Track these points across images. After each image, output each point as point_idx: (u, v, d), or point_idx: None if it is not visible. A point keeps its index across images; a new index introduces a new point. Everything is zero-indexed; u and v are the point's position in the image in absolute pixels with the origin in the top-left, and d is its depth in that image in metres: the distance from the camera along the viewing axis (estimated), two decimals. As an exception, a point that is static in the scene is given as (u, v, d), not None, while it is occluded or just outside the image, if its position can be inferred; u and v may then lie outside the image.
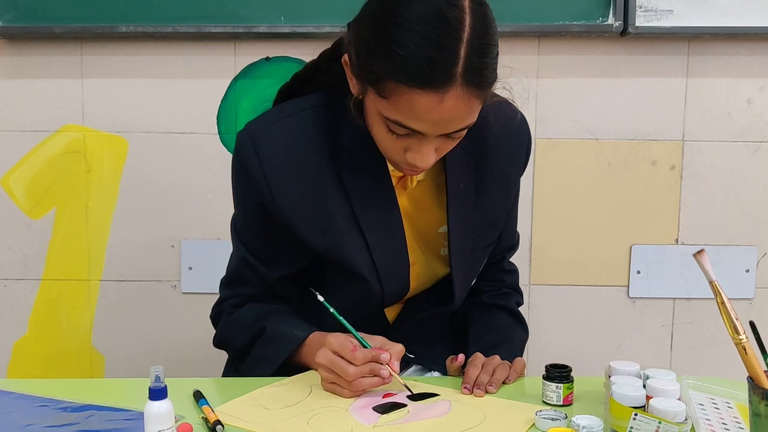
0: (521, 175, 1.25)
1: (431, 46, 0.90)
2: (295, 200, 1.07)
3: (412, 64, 0.90)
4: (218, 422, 0.90)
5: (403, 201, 1.13)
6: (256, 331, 1.13)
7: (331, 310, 1.04)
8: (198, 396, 0.99)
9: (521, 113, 1.19)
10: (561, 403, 0.99)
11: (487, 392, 1.03)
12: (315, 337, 1.09)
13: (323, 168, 1.07)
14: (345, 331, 1.04)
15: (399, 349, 1.02)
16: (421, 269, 1.17)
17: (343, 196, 1.08)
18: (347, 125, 1.06)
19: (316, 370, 1.04)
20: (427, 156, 0.98)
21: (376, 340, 1.02)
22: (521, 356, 1.22)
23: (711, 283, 0.82)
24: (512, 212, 1.27)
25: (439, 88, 0.90)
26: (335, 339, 1.00)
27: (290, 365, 1.11)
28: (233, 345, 1.18)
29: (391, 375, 0.98)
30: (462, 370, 1.10)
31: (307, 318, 1.16)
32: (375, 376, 0.98)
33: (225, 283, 1.22)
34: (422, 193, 1.14)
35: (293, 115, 1.10)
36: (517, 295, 1.32)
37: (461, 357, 1.10)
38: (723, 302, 0.82)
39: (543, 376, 1.01)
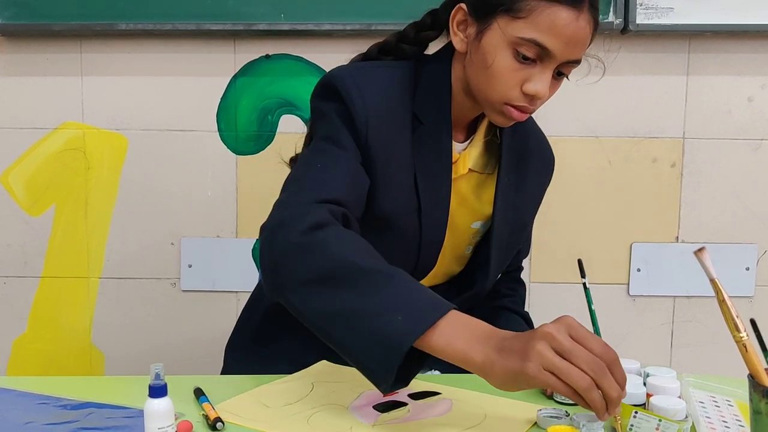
0: (545, 191, 1.28)
1: None
2: (382, 142, 1.06)
3: None
4: (218, 419, 0.90)
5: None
6: (388, 269, 0.86)
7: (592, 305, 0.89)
8: (198, 393, 0.99)
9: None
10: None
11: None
12: (458, 315, 0.83)
13: (404, 122, 1.08)
14: None
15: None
16: (444, 258, 1.18)
17: (410, 155, 1.08)
18: (423, 94, 1.09)
19: (482, 364, 0.80)
20: (546, 85, 1.01)
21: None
22: None
23: (711, 280, 0.82)
24: (531, 225, 1.31)
25: (577, 5, 0.98)
26: (574, 321, 0.78)
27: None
28: (345, 256, 0.86)
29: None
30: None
31: None
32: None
33: (310, 184, 0.99)
34: (465, 185, 1.15)
35: (384, 67, 1.11)
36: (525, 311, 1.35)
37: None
38: (723, 300, 0.81)
39: None
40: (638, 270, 1.85)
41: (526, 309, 1.35)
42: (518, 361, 0.76)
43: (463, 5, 1.05)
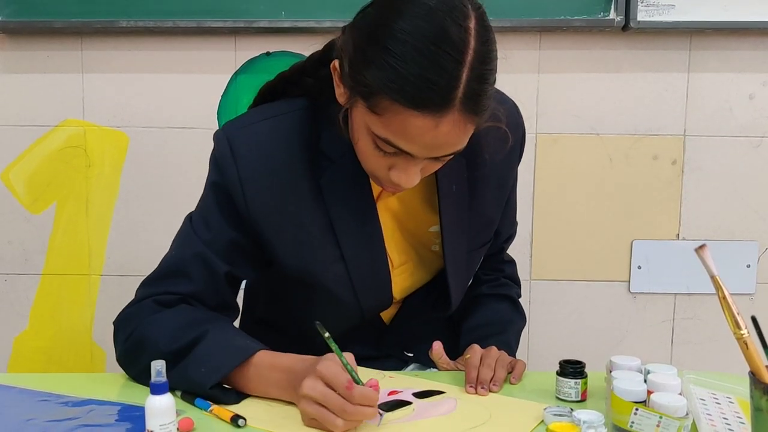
0: (517, 166, 1.21)
1: (433, 66, 0.84)
2: (268, 208, 1.02)
3: (410, 83, 0.84)
4: (238, 416, 0.90)
5: (391, 201, 1.10)
6: (198, 332, 0.99)
7: (326, 334, 0.89)
8: (188, 396, 0.98)
9: (512, 101, 1.16)
10: (579, 399, 0.99)
11: (490, 391, 1.02)
12: (265, 356, 0.98)
13: (300, 175, 1.02)
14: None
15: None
16: (412, 268, 1.15)
17: (321, 205, 1.03)
18: (329, 132, 1.02)
19: (286, 399, 0.95)
20: (413, 176, 0.94)
21: (347, 358, 0.91)
22: (516, 345, 1.22)
23: (712, 278, 0.82)
24: (510, 202, 1.23)
25: (436, 111, 0.86)
26: (327, 369, 0.88)
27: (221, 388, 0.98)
28: (157, 347, 0.99)
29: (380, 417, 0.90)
30: (453, 361, 1.11)
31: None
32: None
33: (151, 280, 1.10)
34: (411, 195, 1.10)
35: (273, 117, 1.05)
36: (516, 287, 1.31)
37: (436, 346, 1.09)
38: (724, 297, 0.81)
39: (557, 372, 1.01)
40: (639, 267, 1.85)
41: (526, 305, 1.34)
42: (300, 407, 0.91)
43: (336, 64, 0.96)
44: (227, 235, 1.05)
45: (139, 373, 1.04)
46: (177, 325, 1.00)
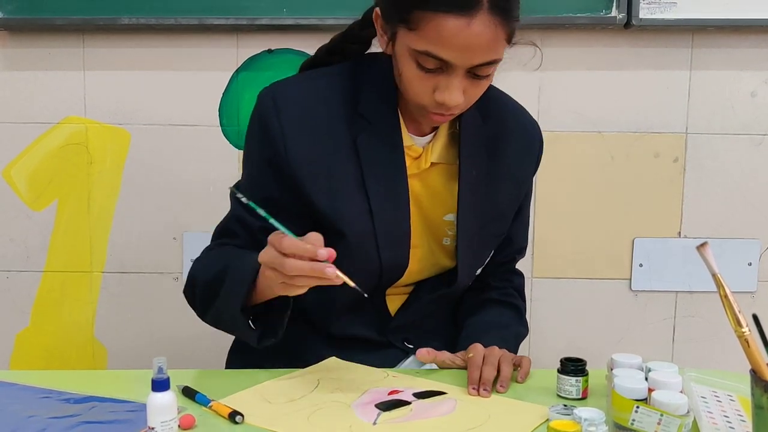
0: (533, 175, 1.26)
1: None
2: (306, 155, 1.08)
3: None
4: (236, 412, 0.91)
5: (413, 184, 1.13)
6: (221, 266, 1.08)
7: (271, 219, 0.95)
8: (189, 392, 0.98)
9: (535, 120, 1.25)
10: (580, 396, 0.99)
11: (497, 392, 1.02)
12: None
13: (339, 130, 1.09)
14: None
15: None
16: (423, 254, 1.17)
17: (355, 159, 1.09)
18: (368, 93, 1.09)
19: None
20: (456, 92, 0.98)
21: (311, 238, 0.94)
22: (516, 350, 1.22)
23: (714, 275, 0.82)
24: (523, 215, 1.28)
25: (467, 11, 0.93)
26: (271, 235, 0.94)
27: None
28: (197, 281, 1.12)
29: (337, 276, 0.91)
30: (452, 354, 1.12)
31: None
32: (314, 266, 0.91)
33: (213, 236, 1.19)
34: (434, 177, 1.15)
35: (316, 78, 1.13)
36: (521, 301, 1.33)
37: (420, 353, 1.11)
38: (726, 295, 0.81)
39: (558, 370, 1.01)
40: (640, 265, 1.85)
41: (527, 303, 1.35)
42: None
43: (378, 9, 1.05)
44: (264, 192, 1.09)
45: (202, 312, 1.14)
46: (210, 261, 1.12)
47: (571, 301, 1.88)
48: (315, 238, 0.92)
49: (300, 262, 0.90)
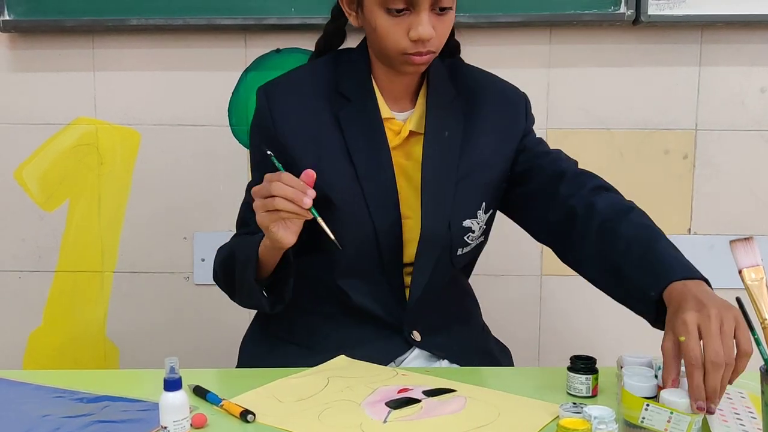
0: (524, 124, 1.26)
1: None
2: (293, 128, 1.18)
3: None
4: (247, 411, 0.91)
5: (398, 156, 1.20)
6: (231, 251, 1.20)
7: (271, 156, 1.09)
8: (200, 391, 0.99)
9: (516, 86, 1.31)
10: (590, 394, 0.99)
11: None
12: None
13: (322, 107, 1.20)
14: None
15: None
16: (416, 223, 1.18)
17: (339, 132, 1.18)
18: (348, 77, 1.21)
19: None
20: (427, 26, 1.08)
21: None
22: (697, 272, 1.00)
23: (755, 267, 0.82)
24: (535, 146, 1.26)
25: None
26: (267, 175, 1.06)
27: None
28: (218, 268, 1.24)
29: (312, 215, 1.04)
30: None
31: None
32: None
33: (236, 229, 1.29)
34: (416, 146, 1.20)
35: (300, 69, 1.27)
36: (614, 193, 1.22)
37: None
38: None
39: (568, 368, 1.01)
40: (650, 262, 1.84)
41: (536, 301, 1.35)
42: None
43: None
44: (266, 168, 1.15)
45: (230, 294, 1.23)
46: (224, 249, 1.24)
47: (581, 299, 1.87)
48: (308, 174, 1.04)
49: (284, 185, 1.02)
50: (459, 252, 1.22)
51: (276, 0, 1.73)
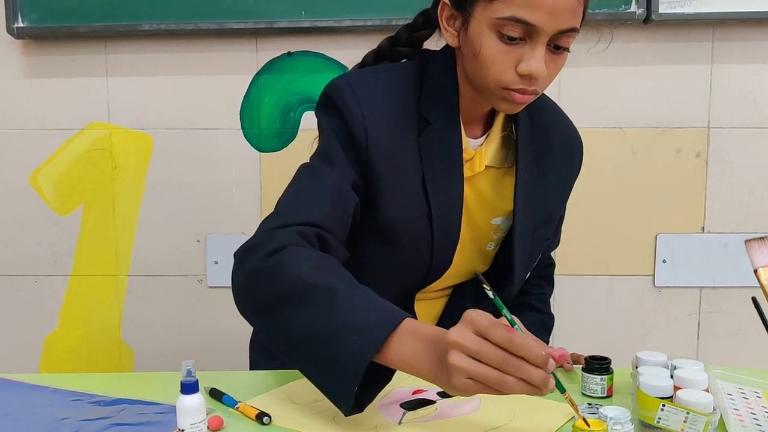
0: (574, 180, 1.25)
1: None
2: (384, 149, 1.04)
3: None
4: (263, 413, 0.92)
5: (466, 187, 1.11)
6: (336, 277, 0.91)
7: (485, 285, 0.85)
8: (216, 393, 0.99)
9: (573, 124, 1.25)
10: (605, 395, 0.99)
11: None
12: (410, 323, 0.85)
13: (407, 126, 1.06)
14: None
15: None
16: (461, 258, 1.15)
17: (417, 155, 1.06)
18: (427, 97, 1.07)
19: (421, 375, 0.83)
20: (541, 62, 0.96)
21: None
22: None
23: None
24: (562, 218, 1.28)
25: None
26: (479, 314, 0.78)
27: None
28: (298, 276, 0.89)
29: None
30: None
31: None
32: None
33: (281, 212, 1.02)
34: (485, 180, 1.12)
35: (386, 71, 1.09)
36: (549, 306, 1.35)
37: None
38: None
39: (583, 368, 1.01)
40: (664, 261, 1.84)
41: (550, 300, 1.35)
42: (447, 377, 0.80)
43: (446, 0, 1.03)
44: (352, 175, 1.05)
45: (261, 301, 0.93)
46: (319, 263, 0.93)
47: (595, 298, 1.87)
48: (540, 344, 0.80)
49: (532, 370, 0.76)
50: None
51: (287, 3, 1.74)
